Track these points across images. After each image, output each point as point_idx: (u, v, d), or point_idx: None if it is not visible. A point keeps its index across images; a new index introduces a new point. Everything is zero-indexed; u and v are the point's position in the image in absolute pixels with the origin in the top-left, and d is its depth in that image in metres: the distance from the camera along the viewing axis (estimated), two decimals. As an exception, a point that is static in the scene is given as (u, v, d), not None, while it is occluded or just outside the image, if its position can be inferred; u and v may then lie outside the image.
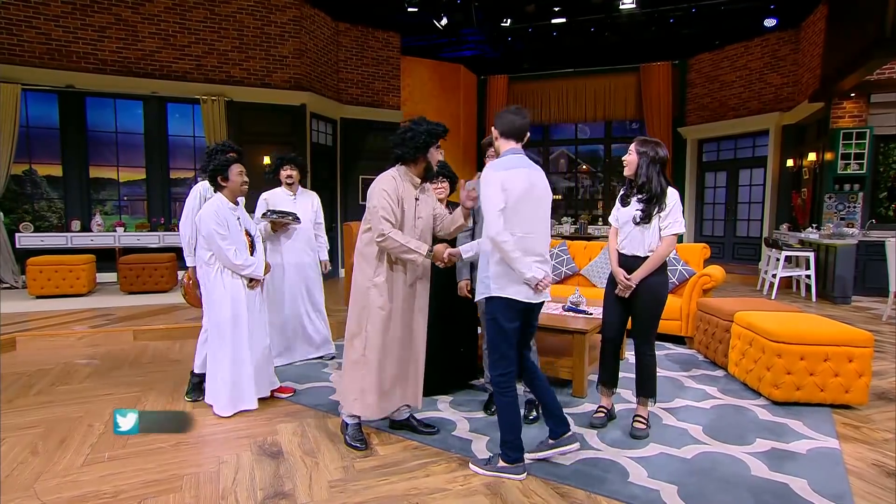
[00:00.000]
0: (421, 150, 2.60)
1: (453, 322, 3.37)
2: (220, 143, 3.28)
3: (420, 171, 2.68)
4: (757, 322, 3.42)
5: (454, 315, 3.37)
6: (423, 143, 2.59)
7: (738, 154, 10.31)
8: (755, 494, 2.21)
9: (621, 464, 2.47)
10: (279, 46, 8.23)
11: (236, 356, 3.04)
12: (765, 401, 3.27)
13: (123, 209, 7.85)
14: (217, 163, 3.01)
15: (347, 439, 2.70)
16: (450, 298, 3.28)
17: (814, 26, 8.45)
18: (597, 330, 3.51)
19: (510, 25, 9.19)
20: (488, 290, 2.34)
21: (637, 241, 2.72)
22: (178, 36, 7.67)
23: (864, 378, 3.13)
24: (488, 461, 2.43)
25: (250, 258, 3.08)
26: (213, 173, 3.04)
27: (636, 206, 2.71)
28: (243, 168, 3.08)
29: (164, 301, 6.12)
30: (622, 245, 2.80)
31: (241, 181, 3.06)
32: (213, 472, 2.42)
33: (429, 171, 2.70)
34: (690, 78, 10.78)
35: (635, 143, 2.73)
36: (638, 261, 2.72)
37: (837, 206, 7.92)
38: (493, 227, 2.24)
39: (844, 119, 7.82)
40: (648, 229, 2.69)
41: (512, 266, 2.27)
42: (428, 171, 2.71)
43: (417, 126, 2.62)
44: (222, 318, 3.04)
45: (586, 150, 12.18)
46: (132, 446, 2.67)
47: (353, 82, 9.62)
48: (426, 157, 2.64)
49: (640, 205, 2.69)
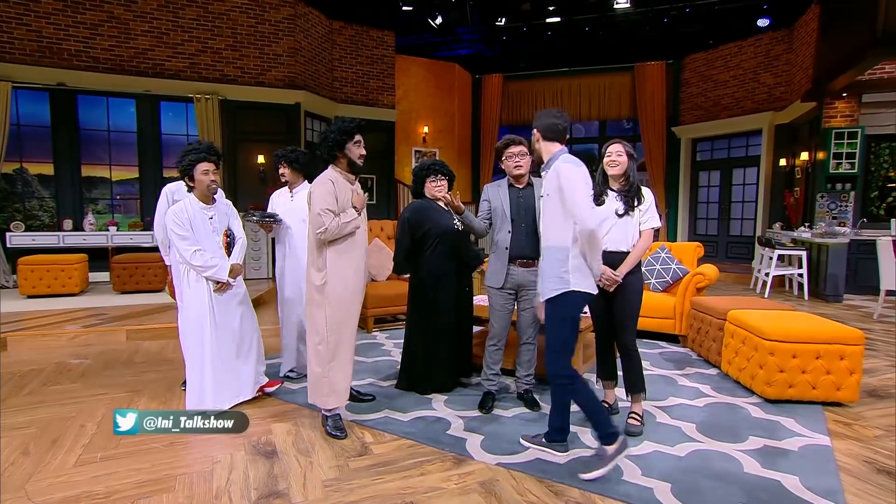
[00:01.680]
0: (335, 148, 2.76)
1: (451, 320, 3.37)
2: (195, 143, 3.24)
3: (346, 168, 2.82)
4: (750, 320, 3.44)
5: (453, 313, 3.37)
6: (336, 142, 2.75)
7: (732, 153, 10.36)
8: (748, 491, 2.22)
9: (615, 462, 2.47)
10: (273, 45, 8.19)
11: (195, 359, 3.01)
12: (758, 399, 3.29)
13: (116, 208, 7.79)
14: (184, 163, 2.98)
15: (328, 430, 2.80)
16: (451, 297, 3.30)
17: (806, 26, 8.51)
18: (590, 329, 3.52)
19: (505, 24, 9.20)
20: (566, 284, 2.34)
21: (619, 237, 2.80)
22: (171, 34, 7.62)
23: (855, 376, 3.15)
24: (599, 458, 2.36)
25: (211, 260, 2.97)
26: (181, 174, 3.03)
27: (615, 201, 2.81)
28: (210, 167, 2.99)
29: (158, 300, 6.08)
30: (603, 242, 2.83)
31: (206, 181, 2.98)
32: (207, 472, 2.41)
33: (352, 165, 2.82)
34: (684, 77, 10.83)
35: (622, 146, 2.82)
36: (622, 256, 2.78)
37: (829, 205, 7.98)
38: (591, 220, 2.28)
39: (836, 119, 7.87)
40: (630, 224, 2.79)
41: (594, 258, 2.35)
42: (352, 166, 2.82)
43: (332, 126, 2.79)
44: (186, 319, 3.03)
45: (581, 149, 12.20)
46: (125, 446, 2.65)
47: (348, 81, 9.60)
48: (345, 154, 2.78)
49: (622, 197, 2.80)
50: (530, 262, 3.02)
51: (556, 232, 2.38)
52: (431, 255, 3.32)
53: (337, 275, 2.75)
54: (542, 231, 2.51)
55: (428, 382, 3.35)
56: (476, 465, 2.47)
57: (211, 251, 3.01)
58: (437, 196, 3.25)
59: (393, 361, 4.01)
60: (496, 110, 11.57)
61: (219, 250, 3.06)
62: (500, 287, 3.05)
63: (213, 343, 3.00)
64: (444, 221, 3.34)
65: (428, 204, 3.40)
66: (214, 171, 3.03)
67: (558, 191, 2.33)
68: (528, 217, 3.03)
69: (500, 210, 3.05)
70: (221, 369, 3.04)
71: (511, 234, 3.02)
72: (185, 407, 3.06)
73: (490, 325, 3.15)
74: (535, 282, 3.04)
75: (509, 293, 3.07)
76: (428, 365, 3.34)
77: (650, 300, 4.46)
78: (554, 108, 2.57)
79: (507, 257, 3.02)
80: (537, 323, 3.11)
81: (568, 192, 2.28)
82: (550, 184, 2.39)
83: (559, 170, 2.33)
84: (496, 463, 2.47)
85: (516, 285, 3.05)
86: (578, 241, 2.33)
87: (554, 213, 2.39)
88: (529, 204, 3.04)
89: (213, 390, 3.01)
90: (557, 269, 2.36)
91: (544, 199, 2.47)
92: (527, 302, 3.07)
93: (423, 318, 3.36)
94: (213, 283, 3.02)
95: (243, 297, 3.22)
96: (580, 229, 2.30)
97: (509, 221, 3.02)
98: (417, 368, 3.37)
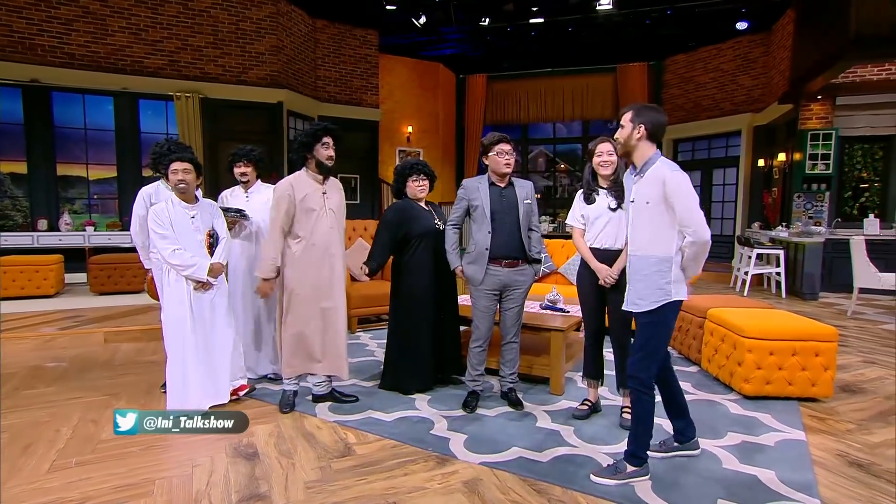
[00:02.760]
0: (304, 150, 2.94)
1: (433, 321, 3.37)
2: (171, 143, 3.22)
3: (315, 169, 2.99)
4: (729, 318, 3.49)
5: (434, 314, 3.37)
6: (303, 144, 2.94)
7: (712, 154, 10.54)
8: (726, 487, 2.25)
9: (598, 459, 2.47)
10: (255, 43, 8.10)
11: (175, 358, 2.99)
12: (736, 395, 3.34)
13: (94, 208, 7.63)
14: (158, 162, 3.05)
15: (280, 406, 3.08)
16: (432, 298, 3.29)
17: (783, 30, 8.69)
18: (573, 328, 3.54)
19: (489, 24, 9.22)
20: (668, 295, 2.24)
21: (613, 234, 2.80)
22: (149, 31, 7.48)
23: (829, 371, 3.22)
24: (615, 469, 2.32)
25: (190, 259, 2.95)
26: (153, 170, 3.11)
27: (606, 198, 2.82)
28: (181, 166, 2.96)
29: (137, 301, 5.97)
30: (597, 240, 2.85)
31: (174, 180, 2.96)
32: (187, 476, 2.36)
33: (320, 166, 2.97)
34: (666, 79, 10.99)
35: (612, 144, 2.79)
36: (616, 253, 2.79)
37: (806, 204, 8.16)
38: (706, 229, 2.18)
39: (812, 121, 8.06)
40: (623, 221, 2.74)
41: (699, 266, 2.27)
42: (320, 167, 2.98)
43: (305, 129, 2.99)
44: (166, 319, 3.01)
45: (564, 149, 12.30)
46: (101, 451, 2.59)
47: (331, 80, 9.54)
48: (314, 155, 2.95)
49: (611, 193, 2.82)
50: (515, 262, 3.01)
51: (657, 242, 2.25)
52: (413, 257, 3.30)
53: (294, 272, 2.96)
54: (634, 238, 2.34)
55: (411, 382, 3.34)
56: (460, 465, 2.46)
57: (192, 251, 2.98)
58: (418, 196, 3.24)
59: (376, 362, 3.99)
60: (481, 110, 11.60)
61: (200, 250, 3.03)
62: (481, 286, 3.01)
63: (194, 343, 2.99)
64: (426, 222, 3.32)
65: (410, 204, 3.38)
66: (185, 171, 2.98)
67: (664, 200, 2.20)
68: (512, 216, 2.99)
69: (480, 208, 2.99)
70: (202, 370, 3.02)
71: (492, 234, 2.98)
72: (165, 409, 3.01)
73: (474, 326, 3.12)
74: (523, 281, 3.04)
75: (493, 294, 3.04)
76: (411, 365, 3.33)
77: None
78: (650, 103, 2.37)
79: (486, 258, 2.97)
80: (520, 322, 3.11)
81: (683, 204, 2.17)
82: (653, 191, 2.22)
83: (666, 179, 2.18)
84: (480, 462, 2.47)
85: (501, 285, 3.03)
86: (685, 252, 2.24)
87: (655, 222, 2.25)
88: (512, 203, 3.00)
89: (195, 391, 2.99)
90: (658, 280, 2.25)
91: (638, 206, 2.30)
92: (511, 301, 3.06)
93: (405, 318, 3.34)
94: (194, 283, 3.00)
95: (225, 298, 3.18)
96: (694, 240, 2.19)
97: (489, 221, 2.97)
98: (400, 368, 3.35)
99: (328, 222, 3.01)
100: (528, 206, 3.03)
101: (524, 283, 3.05)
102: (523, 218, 3.00)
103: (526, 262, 3.05)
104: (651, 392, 2.30)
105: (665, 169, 2.21)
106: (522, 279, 3.04)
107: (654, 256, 2.26)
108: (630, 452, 2.31)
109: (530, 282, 3.08)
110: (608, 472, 2.30)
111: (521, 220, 2.98)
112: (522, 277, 3.04)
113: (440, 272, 3.33)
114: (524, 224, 3.01)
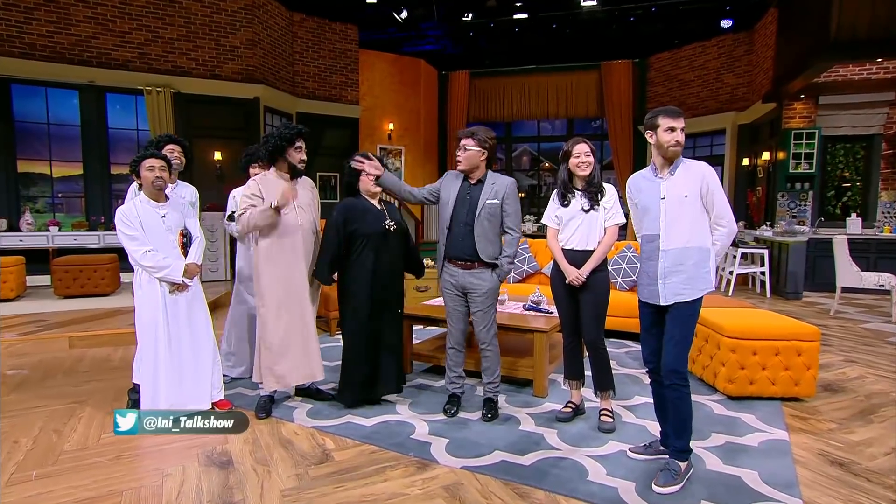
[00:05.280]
0: (274, 153, 2.91)
1: (379, 328, 3.10)
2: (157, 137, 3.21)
3: (286, 170, 2.97)
4: (712, 318, 3.45)
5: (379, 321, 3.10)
6: (275, 147, 2.89)
7: (697, 152, 10.53)
8: (709, 487, 2.24)
9: (580, 462, 2.46)
10: (230, 36, 7.87)
11: (148, 362, 2.86)
12: (720, 395, 3.31)
13: (58, 207, 7.33)
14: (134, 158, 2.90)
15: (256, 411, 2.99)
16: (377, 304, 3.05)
17: (766, 29, 8.68)
18: (557, 329, 3.42)
19: (471, 20, 9.09)
20: (709, 284, 2.32)
21: (585, 235, 2.79)
22: (117, 21, 7.20)
23: (811, 371, 3.20)
24: (671, 475, 2.23)
25: (163, 260, 2.82)
26: (130, 172, 2.94)
27: (581, 199, 2.79)
28: (156, 163, 2.85)
29: (105, 305, 5.72)
30: (570, 241, 2.83)
31: (150, 178, 2.83)
32: (156, 486, 2.26)
33: (292, 169, 2.97)
34: (650, 76, 10.95)
35: (588, 145, 2.82)
36: (587, 254, 2.78)
37: (789, 204, 8.15)
38: (734, 220, 2.33)
39: (795, 119, 8.05)
40: (596, 221, 2.77)
41: (720, 257, 2.40)
42: (292, 170, 2.97)
43: (275, 130, 2.93)
44: (139, 321, 2.90)
45: (549, 148, 12.21)
46: (64, 462, 2.46)
47: (310, 75, 9.32)
48: (285, 158, 2.94)
49: (586, 195, 2.79)
50: (470, 264, 2.85)
51: (698, 234, 2.32)
52: (357, 259, 3.01)
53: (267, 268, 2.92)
54: (670, 233, 2.31)
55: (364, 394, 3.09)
56: (440, 470, 2.41)
57: (164, 251, 2.85)
58: (371, 191, 3.05)
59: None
60: (463, 108, 11.45)
61: (173, 250, 2.90)
62: (443, 286, 2.97)
63: (166, 346, 2.86)
64: (372, 221, 3.04)
65: (359, 202, 3.08)
66: (161, 168, 2.87)
67: (706, 192, 2.29)
68: (469, 217, 2.83)
69: (444, 202, 2.90)
70: (175, 374, 2.89)
71: (448, 232, 2.87)
72: None
73: (448, 327, 3.03)
74: (479, 284, 2.86)
75: (456, 294, 2.93)
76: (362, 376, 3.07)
77: (616, 299, 4.34)
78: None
79: (443, 256, 2.93)
80: (493, 327, 2.94)
81: (719, 195, 2.30)
82: (693, 186, 2.29)
83: (704, 172, 2.32)
84: (461, 466, 2.42)
85: (460, 287, 2.90)
86: (716, 244, 2.35)
87: (695, 215, 2.31)
88: (473, 202, 2.83)
89: (167, 395, 2.85)
90: (700, 271, 2.31)
91: (672, 202, 2.30)
92: (474, 305, 2.89)
93: (351, 324, 3.07)
94: (169, 285, 2.86)
95: (200, 300, 3.04)
96: (728, 231, 2.32)
97: (448, 218, 2.86)
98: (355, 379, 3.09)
99: (297, 221, 2.96)
100: (493, 206, 2.82)
101: (481, 287, 2.85)
102: (482, 219, 2.80)
103: (484, 265, 2.85)
104: (688, 383, 2.32)
105: (702, 164, 2.35)
106: (479, 283, 2.85)
107: (696, 248, 2.31)
108: (680, 449, 2.30)
109: (491, 286, 2.87)
110: (669, 479, 2.23)
111: (477, 221, 2.80)
112: (479, 281, 2.85)
113: (383, 277, 3.05)
114: (484, 226, 2.81)
